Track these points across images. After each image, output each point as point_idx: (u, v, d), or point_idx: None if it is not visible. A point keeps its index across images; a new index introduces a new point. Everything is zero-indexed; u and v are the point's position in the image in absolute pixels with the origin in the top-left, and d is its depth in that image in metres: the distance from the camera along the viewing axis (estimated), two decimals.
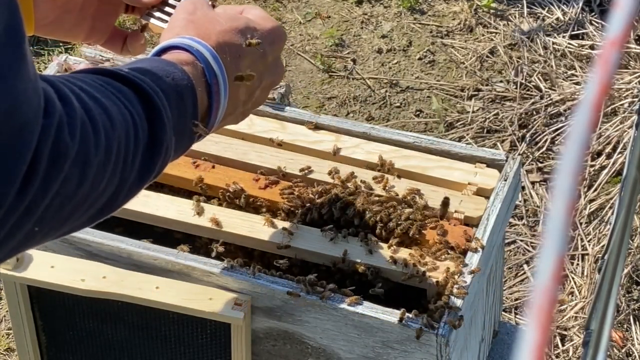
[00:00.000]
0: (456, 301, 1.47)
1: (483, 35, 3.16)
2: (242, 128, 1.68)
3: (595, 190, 2.73)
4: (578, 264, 2.59)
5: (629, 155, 1.28)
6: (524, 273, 2.60)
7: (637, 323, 2.47)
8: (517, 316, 2.49)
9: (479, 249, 1.53)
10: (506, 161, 1.64)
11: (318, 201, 1.60)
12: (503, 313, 2.39)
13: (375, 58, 3.12)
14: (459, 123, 2.92)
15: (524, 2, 3.21)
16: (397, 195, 1.60)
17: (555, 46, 3.10)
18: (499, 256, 1.72)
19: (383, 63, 3.10)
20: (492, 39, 3.14)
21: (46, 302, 1.61)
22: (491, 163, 1.65)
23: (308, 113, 1.75)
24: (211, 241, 1.61)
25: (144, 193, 1.43)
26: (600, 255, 2.52)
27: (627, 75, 3.01)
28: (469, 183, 1.62)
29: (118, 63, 1.76)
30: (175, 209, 1.61)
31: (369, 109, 2.98)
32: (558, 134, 2.87)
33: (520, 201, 2.70)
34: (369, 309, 1.48)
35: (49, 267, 1.57)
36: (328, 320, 1.51)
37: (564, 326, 2.47)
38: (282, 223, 1.58)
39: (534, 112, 2.92)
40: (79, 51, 2.06)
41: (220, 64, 1.23)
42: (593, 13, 3.20)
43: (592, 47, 3.11)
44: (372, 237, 1.55)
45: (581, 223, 2.67)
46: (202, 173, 1.65)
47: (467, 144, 2.34)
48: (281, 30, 1.35)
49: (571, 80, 3.02)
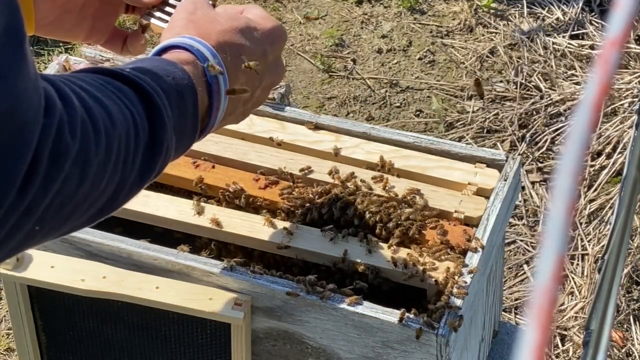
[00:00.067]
0: (456, 301, 1.47)
1: (483, 35, 3.16)
2: (242, 128, 1.68)
3: (595, 190, 2.73)
4: (578, 264, 2.59)
5: (629, 155, 1.28)
6: (524, 273, 2.60)
7: (637, 323, 2.47)
8: (517, 316, 2.49)
9: (479, 249, 1.53)
10: (506, 161, 1.64)
11: (318, 201, 1.60)
12: (503, 313, 2.39)
13: (375, 58, 3.12)
14: (459, 123, 2.92)
15: (524, 2, 3.21)
16: (397, 195, 1.60)
17: (555, 46, 3.10)
18: (499, 256, 1.72)
19: (383, 63, 3.10)
20: (492, 39, 3.14)
21: (46, 302, 1.61)
22: (491, 163, 1.65)
23: (308, 113, 1.75)
24: (211, 241, 1.61)
25: (144, 193, 1.43)
26: (600, 255, 2.52)
27: (627, 75, 3.01)
28: (469, 183, 1.62)
29: (118, 63, 1.76)
30: (175, 209, 1.61)
31: (369, 109, 2.98)
32: (558, 134, 2.87)
33: (520, 201, 2.70)
34: (369, 309, 1.48)
35: (49, 267, 1.57)
36: (328, 320, 1.51)
37: (564, 326, 2.47)
38: (282, 223, 1.58)
39: (534, 112, 2.92)
40: (79, 51, 2.06)
41: (220, 64, 1.23)
42: (593, 13, 3.20)
43: (592, 47, 3.11)
44: (372, 237, 1.55)
45: (581, 223, 2.67)
46: (202, 173, 1.65)
47: (467, 144, 2.34)
48: (282, 29, 1.35)
49: (571, 80, 3.02)
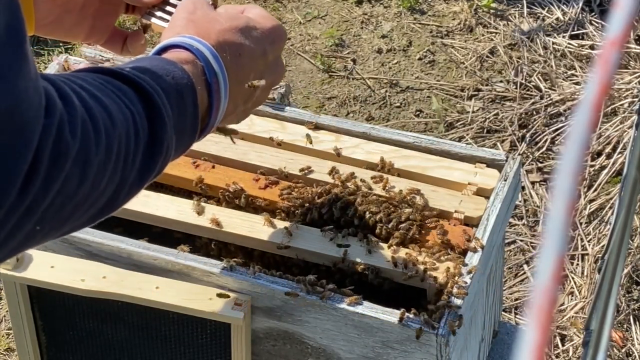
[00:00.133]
0: (456, 301, 1.47)
1: (483, 35, 3.16)
2: (242, 128, 1.68)
3: (595, 190, 2.73)
4: (578, 264, 2.59)
5: (629, 155, 1.28)
6: (524, 273, 2.60)
7: (637, 323, 2.47)
8: (517, 316, 2.49)
9: (479, 249, 1.53)
10: (506, 161, 1.64)
11: (318, 201, 1.60)
12: (503, 313, 2.39)
13: (375, 58, 3.12)
14: (459, 123, 2.92)
15: (524, 2, 3.21)
16: (397, 195, 1.60)
17: (555, 46, 3.10)
18: (499, 256, 1.72)
19: (383, 63, 3.10)
20: (492, 39, 3.14)
21: (46, 302, 1.61)
22: (491, 163, 1.65)
23: (308, 113, 1.75)
24: (211, 241, 1.61)
25: (144, 193, 1.43)
26: (600, 255, 2.52)
27: (627, 75, 3.01)
28: (469, 183, 1.62)
29: (118, 63, 1.76)
30: (175, 209, 1.61)
31: (369, 109, 2.98)
32: (558, 134, 2.87)
33: (520, 201, 2.70)
34: (369, 309, 1.48)
35: (49, 267, 1.57)
36: (328, 320, 1.51)
37: (564, 326, 2.47)
38: (282, 223, 1.58)
39: (534, 112, 2.92)
40: (79, 51, 2.06)
41: (220, 63, 1.23)
42: (593, 13, 3.20)
43: (592, 47, 3.11)
44: (372, 237, 1.55)
45: (581, 223, 2.67)
46: (202, 173, 1.65)
47: (467, 144, 2.34)
48: (281, 29, 1.35)
49: (571, 80, 3.02)
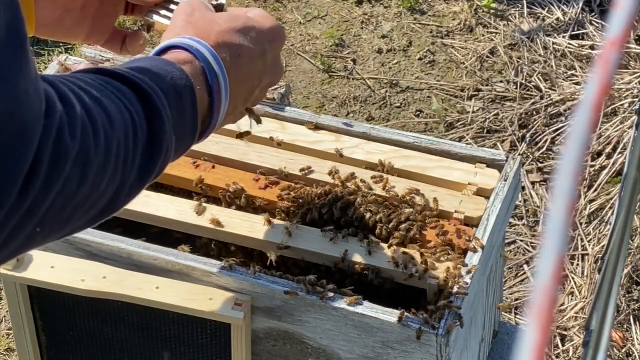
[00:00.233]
0: (456, 301, 1.47)
1: (483, 35, 3.16)
2: (242, 128, 1.68)
3: (595, 190, 2.73)
4: (578, 264, 2.59)
5: (629, 155, 1.28)
6: (524, 273, 2.60)
7: (637, 323, 2.47)
8: (517, 316, 2.49)
9: (479, 249, 1.53)
10: (506, 161, 1.64)
11: (318, 201, 1.60)
12: (503, 313, 2.39)
13: (375, 58, 3.12)
14: (459, 123, 2.92)
15: (524, 2, 3.21)
16: (397, 195, 1.60)
17: (555, 46, 3.10)
18: (499, 256, 1.72)
19: (383, 63, 3.10)
20: (492, 39, 3.14)
21: (46, 302, 1.61)
22: (491, 163, 1.65)
23: (308, 113, 1.75)
24: (211, 241, 1.61)
25: (144, 193, 1.43)
26: (600, 255, 2.52)
27: (627, 75, 3.01)
28: (469, 183, 1.62)
29: (118, 63, 1.76)
30: (175, 209, 1.61)
31: (369, 109, 2.98)
32: (558, 134, 2.87)
33: (520, 201, 2.70)
34: (369, 309, 1.48)
35: (49, 267, 1.57)
36: (328, 320, 1.51)
37: (564, 326, 2.47)
38: (282, 223, 1.58)
39: (534, 112, 2.92)
40: (79, 51, 2.06)
41: (220, 64, 1.22)
42: (593, 13, 3.20)
43: (592, 47, 3.11)
44: (372, 237, 1.55)
45: (581, 223, 2.67)
46: (202, 173, 1.65)
47: (467, 144, 2.34)
48: (280, 29, 1.35)
49: (571, 80, 3.02)
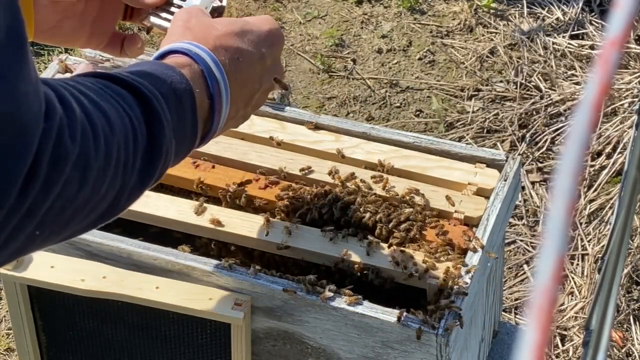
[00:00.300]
0: (456, 301, 1.47)
1: (483, 35, 3.16)
2: (242, 128, 1.68)
3: (595, 190, 2.73)
4: (578, 264, 2.59)
5: (629, 155, 1.28)
6: (524, 273, 2.60)
7: (637, 323, 2.47)
8: (517, 316, 2.49)
9: (479, 249, 1.53)
10: (506, 161, 1.64)
11: (318, 201, 1.60)
12: (503, 313, 2.39)
13: (375, 58, 3.12)
14: (459, 123, 2.92)
15: (524, 2, 3.21)
16: (397, 195, 1.60)
17: (555, 46, 3.10)
18: (499, 256, 1.72)
19: (383, 63, 3.10)
20: (492, 39, 3.14)
21: (46, 302, 1.61)
22: (491, 163, 1.65)
23: (308, 113, 1.75)
24: (211, 241, 1.61)
25: (144, 193, 1.43)
26: (600, 255, 2.52)
27: (627, 75, 3.01)
28: (469, 183, 1.62)
29: (118, 63, 1.76)
30: (175, 209, 1.61)
31: (369, 109, 2.98)
32: (558, 134, 2.87)
33: (520, 201, 2.70)
34: (369, 309, 1.48)
35: (49, 267, 1.57)
36: (328, 320, 1.51)
37: (564, 326, 2.47)
38: (282, 223, 1.58)
39: (534, 112, 2.92)
40: (79, 51, 2.06)
41: (220, 68, 1.22)
42: (593, 13, 3.20)
43: (592, 47, 3.11)
44: (372, 237, 1.55)
45: (581, 223, 2.67)
46: (202, 173, 1.65)
47: (467, 144, 2.34)
48: (279, 32, 1.35)
49: (571, 80, 3.02)
